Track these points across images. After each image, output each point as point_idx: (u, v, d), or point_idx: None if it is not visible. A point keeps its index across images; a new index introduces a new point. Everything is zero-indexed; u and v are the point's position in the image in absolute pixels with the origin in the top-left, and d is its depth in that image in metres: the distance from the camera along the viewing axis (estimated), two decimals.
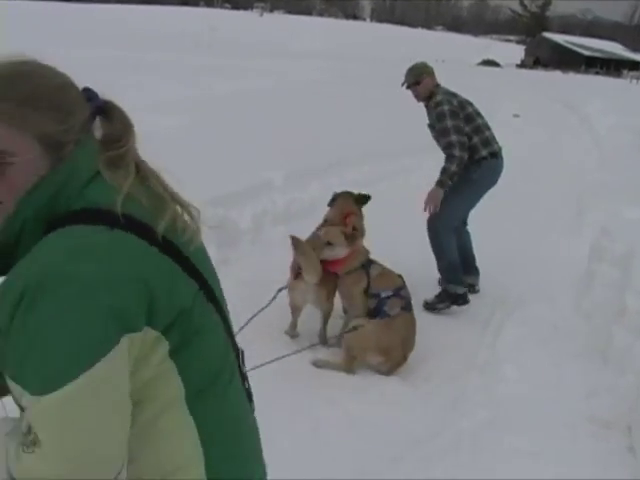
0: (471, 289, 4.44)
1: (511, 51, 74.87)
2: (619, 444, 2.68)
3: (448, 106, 3.89)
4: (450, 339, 3.70)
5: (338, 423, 2.76)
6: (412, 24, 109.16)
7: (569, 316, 3.87)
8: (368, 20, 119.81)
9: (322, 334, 3.54)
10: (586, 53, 65.46)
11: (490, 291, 4.40)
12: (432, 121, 4.04)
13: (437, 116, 3.91)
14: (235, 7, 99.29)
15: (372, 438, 2.68)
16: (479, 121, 4.06)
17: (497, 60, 58.40)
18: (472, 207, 4.26)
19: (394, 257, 3.80)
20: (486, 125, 4.11)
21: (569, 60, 61.95)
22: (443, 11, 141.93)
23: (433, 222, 4.06)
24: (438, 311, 4.04)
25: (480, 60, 56.98)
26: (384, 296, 3.33)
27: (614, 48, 71.48)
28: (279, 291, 3.41)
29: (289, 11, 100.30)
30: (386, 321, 3.27)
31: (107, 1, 63.07)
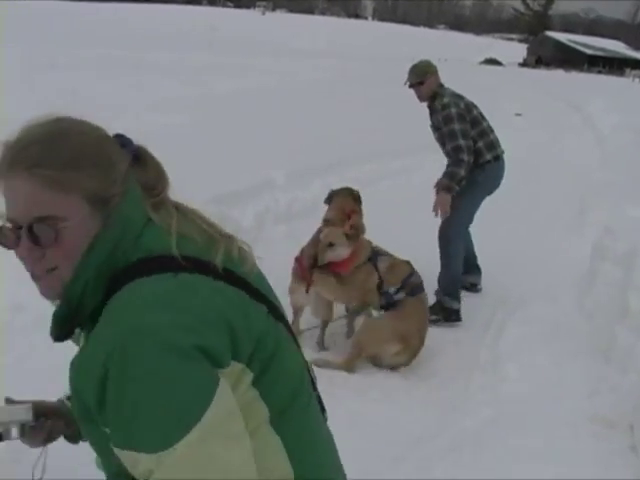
0: (473, 288, 4.44)
1: (513, 50, 74.76)
2: (621, 443, 2.67)
3: (456, 109, 3.83)
4: (452, 338, 3.70)
5: (339, 422, 2.73)
6: (414, 23, 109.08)
7: (571, 315, 3.86)
8: (370, 19, 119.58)
9: (320, 340, 3.55)
10: (589, 52, 65.36)
11: (492, 290, 4.39)
12: (437, 123, 3.96)
13: (444, 119, 3.84)
14: (237, 6, 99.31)
15: (373, 437, 2.67)
16: (484, 124, 4.01)
17: (499, 59, 58.33)
18: (477, 210, 4.24)
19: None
20: (490, 128, 4.07)
21: (571, 59, 61.86)
22: (445, 10, 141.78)
23: (445, 230, 4.00)
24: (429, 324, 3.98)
25: (482, 59, 56.93)
26: (392, 291, 3.33)
27: (617, 47, 71.36)
28: None
29: (291, 10, 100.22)
30: (397, 310, 3.27)
31: (109, 0, 63.10)
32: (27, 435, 1.11)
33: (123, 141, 0.99)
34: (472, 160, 3.84)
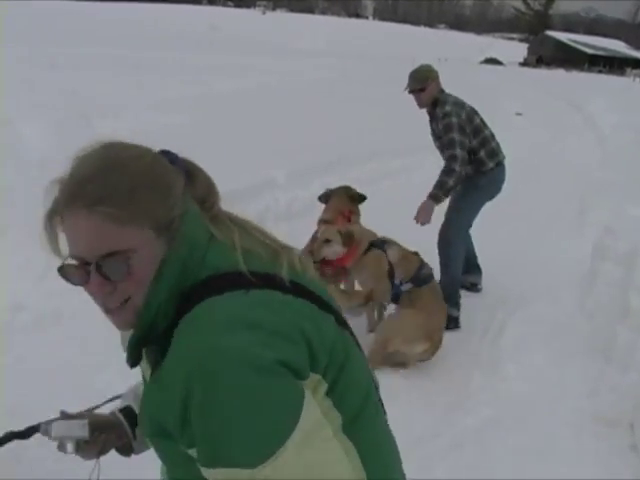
0: (473, 288, 4.44)
1: (514, 49, 74.79)
2: (622, 442, 2.68)
3: (457, 119, 3.76)
4: (452, 338, 3.69)
5: None
6: (415, 22, 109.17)
7: (572, 315, 3.86)
8: (370, 18, 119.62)
9: None
10: (589, 51, 65.38)
11: (492, 290, 4.39)
12: (437, 131, 3.90)
13: (444, 127, 3.78)
14: (238, 5, 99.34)
15: None
16: (486, 132, 3.96)
17: (500, 58, 58.38)
18: (477, 214, 4.19)
19: None
20: (492, 135, 4.02)
21: (572, 58, 61.88)
22: (446, 9, 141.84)
23: (445, 232, 3.97)
24: None
25: (483, 58, 57.02)
26: (399, 282, 3.33)
27: (617, 46, 71.39)
28: None
29: (291, 9, 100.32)
30: (414, 303, 3.26)
31: (109, 0, 63.13)
32: (81, 449, 1.12)
33: (171, 158, 0.96)
34: (464, 172, 3.79)
